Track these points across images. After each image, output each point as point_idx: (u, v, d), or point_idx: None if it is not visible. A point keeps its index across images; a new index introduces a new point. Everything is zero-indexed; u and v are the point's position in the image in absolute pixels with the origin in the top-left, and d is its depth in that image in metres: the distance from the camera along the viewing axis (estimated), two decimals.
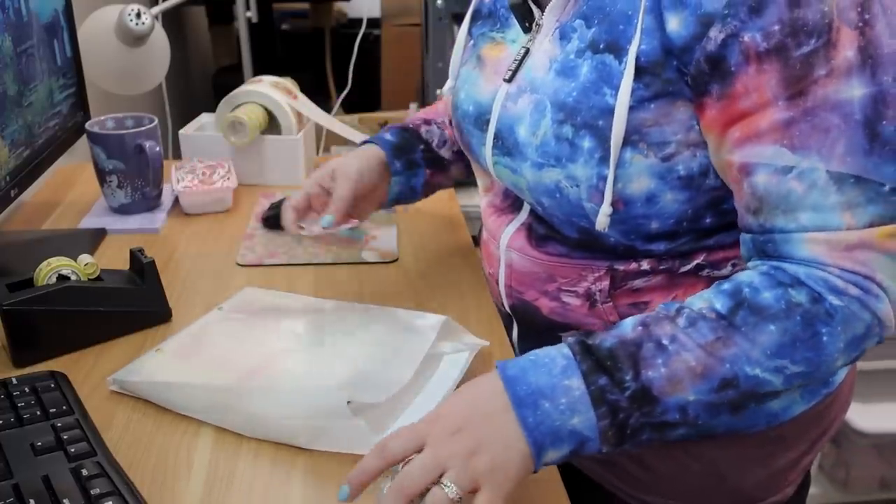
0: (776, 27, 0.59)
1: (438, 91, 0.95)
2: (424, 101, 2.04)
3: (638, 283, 0.74)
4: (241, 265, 1.03)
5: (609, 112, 0.66)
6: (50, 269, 0.82)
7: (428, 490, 0.55)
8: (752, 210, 0.64)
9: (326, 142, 1.99)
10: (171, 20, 2.37)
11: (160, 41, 1.30)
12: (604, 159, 0.67)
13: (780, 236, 0.63)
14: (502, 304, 0.86)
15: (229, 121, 1.22)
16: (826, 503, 1.82)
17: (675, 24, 0.62)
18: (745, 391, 0.60)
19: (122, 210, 1.15)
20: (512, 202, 0.82)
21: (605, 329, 0.63)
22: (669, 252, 0.73)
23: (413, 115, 1.03)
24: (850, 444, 1.76)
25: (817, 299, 0.60)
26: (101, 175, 1.13)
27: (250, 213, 1.18)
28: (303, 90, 1.36)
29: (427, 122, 1.00)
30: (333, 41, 3.19)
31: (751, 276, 0.63)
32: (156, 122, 1.15)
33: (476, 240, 1.05)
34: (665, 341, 0.60)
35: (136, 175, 1.13)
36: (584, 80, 0.68)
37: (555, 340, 0.66)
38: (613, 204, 0.68)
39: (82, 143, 1.17)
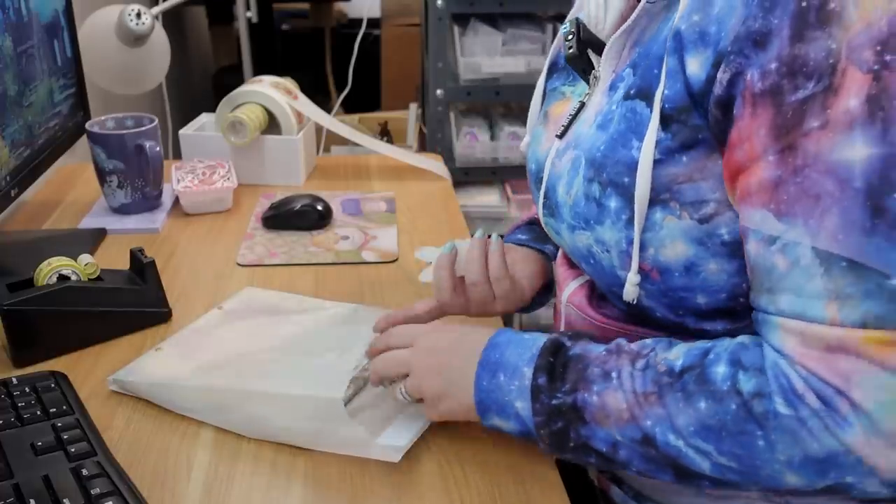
0: (774, 65, 0.50)
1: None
2: (424, 101, 2.04)
3: None
4: (241, 265, 1.03)
5: (634, 167, 0.59)
6: (50, 269, 0.82)
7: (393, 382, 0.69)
8: (750, 279, 0.56)
9: (326, 142, 2.00)
10: (172, 20, 2.37)
11: (160, 41, 1.30)
12: (631, 222, 0.60)
13: (761, 316, 0.55)
14: None
15: (229, 121, 1.22)
16: None
17: (694, 66, 0.55)
18: (668, 457, 0.56)
19: (122, 210, 1.15)
20: None
21: (589, 336, 0.64)
22: (731, 334, 0.60)
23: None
24: None
25: (761, 395, 0.52)
26: (102, 175, 1.13)
27: (250, 213, 1.18)
28: (303, 90, 1.36)
29: (536, 221, 0.91)
30: (333, 41, 3.19)
31: (730, 343, 0.57)
32: (156, 122, 1.15)
33: None
34: (613, 374, 0.58)
35: (136, 175, 1.13)
36: (614, 131, 0.62)
37: None
38: (649, 273, 0.61)
39: (82, 143, 1.17)
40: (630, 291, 0.62)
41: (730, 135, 0.54)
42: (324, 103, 1.49)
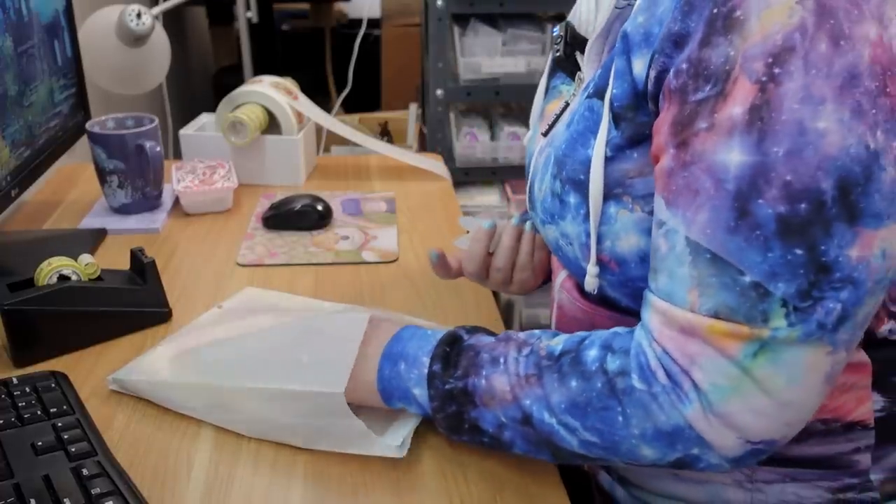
0: (685, 65, 0.53)
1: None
2: (424, 101, 2.04)
3: None
4: (241, 265, 1.03)
5: (589, 165, 0.62)
6: (51, 269, 0.82)
7: None
8: None
9: (326, 142, 2.00)
10: (172, 20, 2.37)
11: (160, 41, 1.30)
12: (588, 216, 0.63)
13: (644, 291, 0.59)
14: None
15: (229, 121, 1.22)
16: None
17: (639, 66, 0.57)
18: (543, 436, 0.60)
19: (122, 210, 1.16)
20: None
21: (486, 330, 0.69)
22: None
23: None
24: None
25: (623, 373, 0.56)
26: (102, 175, 1.13)
27: (250, 213, 1.19)
28: (303, 90, 1.36)
29: None
30: (333, 41, 3.19)
31: (604, 332, 0.61)
32: (156, 122, 1.15)
33: None
34: (500, 359, 0.63)
35: (136, 175, 1.13)
36: (573, 129, 0.64)
37: None
38: (608, 264, 0.64)
39: (82, 143, 1.18)
40: (589, 283, 0.65)
41: (652, 126, 0.57)
42: (324, 103, 1.49)
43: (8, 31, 0.94)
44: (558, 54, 0.73)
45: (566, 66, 0.73)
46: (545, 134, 0.74)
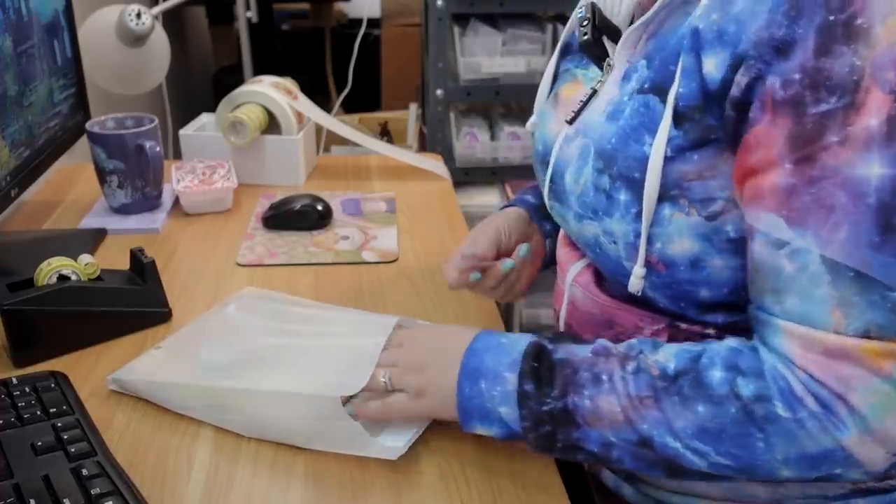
0: (797, 75, 0.51)
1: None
2: (424, 101, 2.04)
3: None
4: (241, 265, 1.03)
5: (645, 163, 0.60)
6: (50, 269, 0.82)
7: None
8: (751, 280, 0.57)
9: (326, 142, 2.00)
10: (172, 20, 2.37)
11: (160, 41, 1.30)
12: (640, 216, 0.61)
13: (763, 316, 0.56)
14: None
15: (229, 121, 1.22)
16: None
17: (710, 65, 0.55)
18: (665, 459, 0.57)
19: (122, 210, 1.15)
20: None
21: (571, 338, 0.65)
22: (730, 326, 0.63)
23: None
24: None
25: (763, 399, 0.54)
26: (102, 175, 1.13)
27: (250, 213, 1.18)
28: (303, 90, 1.36)
29: None
30: (333, 41, 3.19)
31: (721, 347, 0.58)
32: (156, 122, 1.15)
33: None
34: (603, 377, 0.59)
35: (136, 175, 1.13)
36: (625, 124, 0.62)
37: None
38: (654, 266, 0.62)
39: (82, 143, 1.17)
40: (635, 284, 0.63)
41: (744, 137, 0.55)
42: (324, 103, 1.49)
43: (8, 31, 0.94)
44: (586, 37, 0.69)
45: (593, 50, 0.70)
46: (570, 122, 0.71)
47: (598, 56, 0.70)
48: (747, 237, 0.57)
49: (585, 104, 0.70)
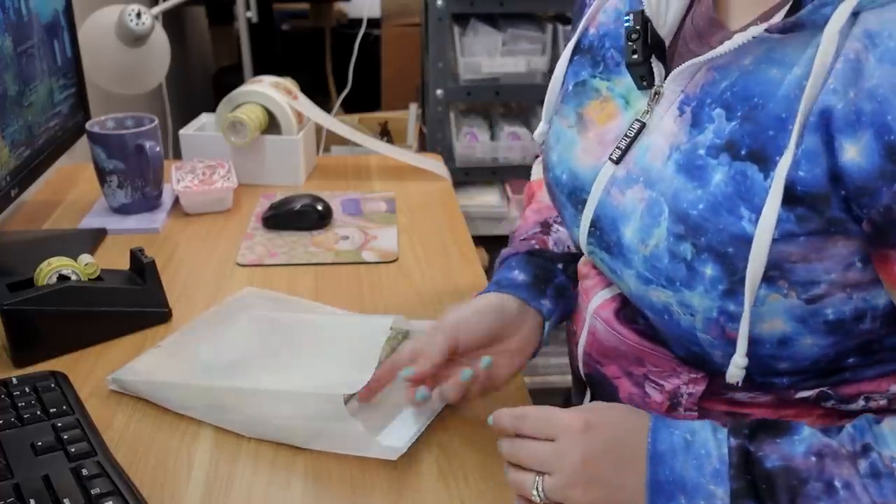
0: None
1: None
2: (424, 101, 2.04)
3: (740, 395, 0.62)
4: (241, 265, 1.03)
5: (743, 240, 0.53)
6: (50, 269, 0.82)
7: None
8: None
9: (326, 142, 2.00)
10: (172, 20, 2.37)
11: (160, 41, 1.30)
12: (729, 294, 0.55)
13: None
14: (577, 369, 0.74)
15: (229, 121, 1.22)
16: None
17: (852, 152, 0.48)
18: None
19: (122, 210, 1.15)
20: None
21: (761, 426, 0.56)
22: (792, 385, 0.60)
23: (522, 221, 0.84)
24: None
25: None
26: (102, 175, 1.13)
27: (250, 213, 1.18)
28: (303, 90, 1.36)
29: (545, 226, 0.81)
30: (333, 41, 3.19)
31: None
32: (156, 122, 1.15)
33: (476, 240, 1.05)
34: (837, 484, 0.51)
35: (136, 175, 1.13)
36: (716, 190, 0.55)
37: None
38: (735, 339, 0.56)
39: (82, 143, 1.17)
40: (734, 374, 0.57)
41: None
42: (324, 103, 1.49)
43: (8, 30, 0.94)
44: (635, 56, 0.61)
45: (638, 70, 0.61)
46: (617, 161, 0.62)
47: (642, 76, 0.62)
48: None
49: (633, 140, 0.62)
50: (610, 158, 0.63)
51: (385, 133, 2.43)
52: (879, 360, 0.58)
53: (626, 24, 0.63)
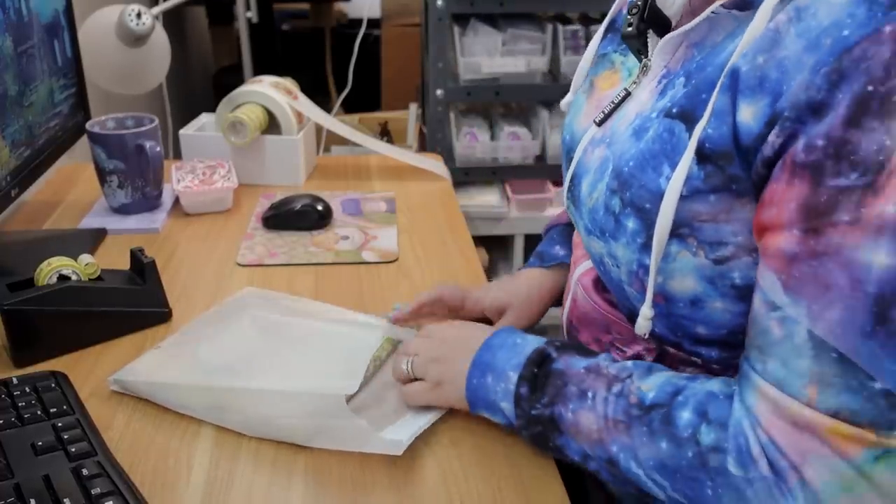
0: (821, 142, 0.48)
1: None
2: (424, 101, 2.04)
3: (689, 370, 0.65)
4: (241, 265, 1.03)
5: (659, 196, 0.57)
6: (50, 269, 0.82)
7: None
8: (747, 328, 0.56)
9: (326, 142, 2.00)
10: (172, 20, 2.37)
11: (160, 41, 1.30)
12: (646, 246, 0.59)
13: (745, 368, 0.55)
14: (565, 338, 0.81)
15: (229, 121, 1.22)
16: None
17: (747, 114, 0.52)
18: (629, 479, 0.59)
19: (122, 210, 1.16)
20: None
21: (576, 348, 0.67)
22: (723, 361, 0.63)
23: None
24: None
25: (719, 450, 0.54)
26: (102, 175, 1.13)
27: (250, 213, 1.18)
28: (303, 90, 1.36)
29: None
30: (333, 41, 3.19)
31: (700, 388, 0.58)
32: (156, 122, 1.15)
33: (476, 240, 1.05)
34: (589, 394, 0.62)
35: (136, 175, 1.13)
36: (645, 147, 0.59)
37: None
38: (653, 298, 0.61)
39: (82, 143, 1.18)
40: (642, 325, 0.62)
41: (765, 193, 0.52)
42: (324, 103, 1.49)
43: (8, 31, 0.94)
44: (630, 28, 0.65)
45: (633, 43, 0.66)
46: (599, 123, 0.68)
47: (638, 50, 0.67)
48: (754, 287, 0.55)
49: (616, 106, 0.67)
50: (594, 121, 0.69)
51: (385, 133, 2.43)
52: None
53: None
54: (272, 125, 1.29)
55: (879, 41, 0.46)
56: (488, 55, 1.84)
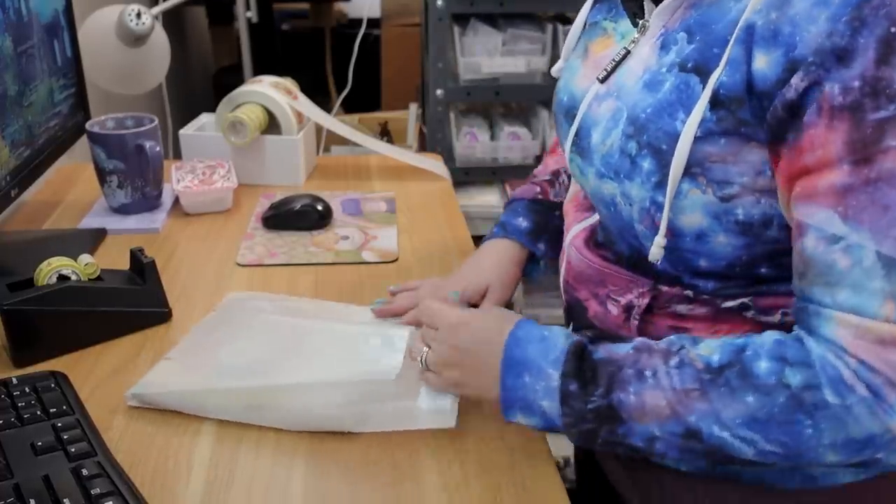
0: (857, 83, 0.54)
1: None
2: (424, 101, 2.04)
3: (681, 308, 0.70)
4: (241, 265, 1.03)
5: (675, 138, 0.62)
6: (50, 269, 0.82)
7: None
8: (799, 273, 0.59)
9: (326, 142, 2.00)
10: (172, 20, 2.37)
11: (160, 41, 1.30)
12: (659, 185, 0.64)
13: (812, 307, 0.58)
14: (565, 303, 0.84)
15: (229, 121, 1.22)
16: None
17: (762, 62, 0.58)
18: (712, 449, 0.59)
19: (122, 210, 1.15)
20: (591, 202, 0.79)
21: (604, 338, 0.67)
22: (716, 292, 0.68)
23: (542, 165, 1.00)
24: None
25: (812, 387, 0.56)
26: (102, 175, 1.13)
27: (250, 213, 1.18)
28: (303, 90, 1.36)
29: (556, 175, 0.96)
30: (333, 41, 3.19)
31: (765, 339, 0.60)
32: (156, 122, 1.15)
33: (476, 240, 1.05)
34: (647, 372, 0.61)
35: (136, 175, 1.13)
36: (663, 98, 0.64)
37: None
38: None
39: (82, 143, 1.17)
40: (655, 253, 0.66)
41: (797, 139, 0.57)
42: (324, 103, 1.49)
43: (8, 31, 0.94)
44: None
45: (630, 6, 0.72)
46: (602, 80, 0.72)
47: (633, 12, 0.72)
48: (795, 233, 0.59)
49: (618, 64, 0.71)
50: (597, 78, 0.73)
51: (385, 133, 2.43)
52: (790, 275, 0.63)
53: None
54: (272, 125, 1.28)
55: None
56: (488, 55, 1.84)
